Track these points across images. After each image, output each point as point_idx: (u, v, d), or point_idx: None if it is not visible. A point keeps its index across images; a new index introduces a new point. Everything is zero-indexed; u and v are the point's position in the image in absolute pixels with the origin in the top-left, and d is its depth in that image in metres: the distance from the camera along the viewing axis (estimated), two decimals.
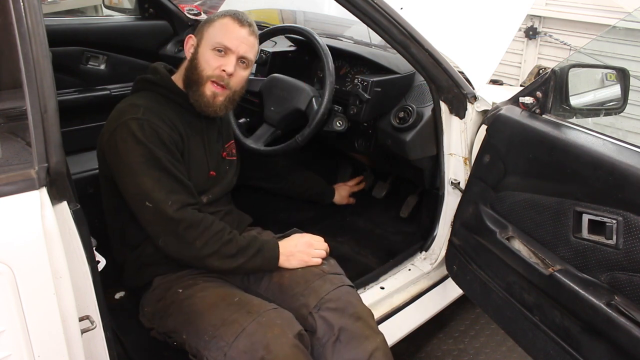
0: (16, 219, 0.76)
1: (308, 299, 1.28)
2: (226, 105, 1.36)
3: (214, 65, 1.30)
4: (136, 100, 1.30)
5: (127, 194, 1.26)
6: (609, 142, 1.14)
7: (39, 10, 0.75)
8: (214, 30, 1.32)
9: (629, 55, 2.95)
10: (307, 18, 3.52)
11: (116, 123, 1.25)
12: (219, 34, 1.31)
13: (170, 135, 1.27)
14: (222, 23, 1.32)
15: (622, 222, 1.04)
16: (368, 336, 1.25)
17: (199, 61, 1.31)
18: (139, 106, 1.26)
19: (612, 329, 1.04)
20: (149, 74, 1.37)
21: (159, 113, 1.27)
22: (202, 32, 1.34)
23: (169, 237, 1.24)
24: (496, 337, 1.97)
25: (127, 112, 1.25)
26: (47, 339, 0.81)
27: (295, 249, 1.37)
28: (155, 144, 1.23)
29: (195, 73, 1.32)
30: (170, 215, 1.21)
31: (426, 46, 1.41)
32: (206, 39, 1.32)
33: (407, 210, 2.17)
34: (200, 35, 1.34)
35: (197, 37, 1.35)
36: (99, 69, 2.29)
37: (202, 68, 1.31)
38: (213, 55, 1.30)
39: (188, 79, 1.33)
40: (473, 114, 1.55)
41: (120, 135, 1.23)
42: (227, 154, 1.51)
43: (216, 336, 1.16)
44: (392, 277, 1.71)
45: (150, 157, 1.22)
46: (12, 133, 0.94)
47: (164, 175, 1.23)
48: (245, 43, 1.32)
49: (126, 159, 1.22)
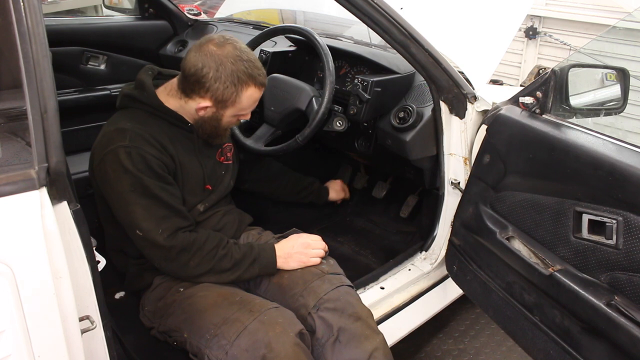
0: (16, 219, 0.76)
1: (307, 299, 1.28)
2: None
3: (235, 121, 1.36)
4: (122, 122, 1.26)
5: (119, 220, 1.26)
6: (609, 142, 1.14)
7: (39, 10, 0.75)
8: (241, 104, 1.30)
9: (629, 55, 2.95)
10: (307, 18, 3.52)
11: (103, 151, 1.22)
12: (247, 106, 1.32)
13: (160, 159, 1.24)
14: (248, 96, 1.29)
15: (622, 222, 1.04)
16: (368, 336, 1.25)
17: (222, 122, 1.33)
18: (125, 131, 1.23)
19: (612, 329, 1.04)
20: (134, 88, 1.32)
21: (146, 136, 1.24)
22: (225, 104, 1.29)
23: (162, 262, 1.26)
24: (496, 337, 1.97)
25: (114, 139, 1.22)
26: (47, 339, 0.81)
27: (293, 250, 1.37)
28: (144, 172, 1.21)
29: (217, 130, 1.34)
30: (162, 244, 1.22)
31: (426, 46, 1.41)
32: (232, 110, 1.31)
33: (407, 210, 2.17)
34: (224, 107, 1.29)
35: (218, 106, 1.29)
36: (99, 69, 2.29)
37: (225, 126, 1.35)
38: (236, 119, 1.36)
39: (203, 128, 1.34)
40: (473, 114, 1.55)
41: (109, 164, 1.21)
42: (224, 158, 1.49)
43: (217, 335, 1.16)
44: (392, 277, 1.71)
45: (138, 185, 1.20)
46: (12, 133, 0.94)
47: (154, 202, 1.22)
48: None
49: (115, 187, 1.22)
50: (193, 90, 1.27)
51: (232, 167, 1.54)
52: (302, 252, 1.37)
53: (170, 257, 1.24)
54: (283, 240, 1.41)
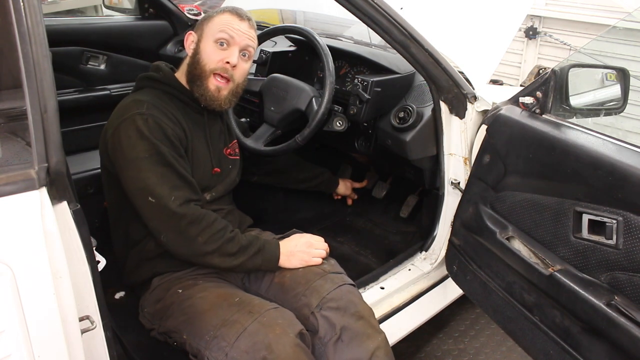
0: (16, 219, 0.76)
1: (310, 298, 1.28)
2: (230, 98, 1.37)
3: (217, 58, 1.32)
4: (139, 96, 1.31)
5: (130, 189, 1.25)
6: (609, 142, 1.14)
7: (39, 10, 0.75)
8: (214, 25, 1.33)
9: (629, 55, 2.95)
10: (307, 18, 3.52)
11: (120, 119, 1.25)
12: (221, 27, 1.32)
13: (174, 130, 1.27)
14: (222, 17, 1.34)
15: (622, 222, 1.04)
16: (370, 335, 1.25)
17: (202, 56, 1.33)
18: (142, 102, 1.27)
19: (612, 329, 1.04)
20: (151, 72, 1.38)
21: (162, 109, 1.28)
22: (202, 28, 1.36)
23: (170, 233, 1.24)
24: (496, 337, 1.97)
25: (131, 107, 1.26)
26: (47, 339, 0.81)
27: (296, 248, 1.37)
28: (160, 139, 1.23)
29: (198, 67, 1.33)
30: (173, 210, 1.21)
31: (426, 46, 1.41)
32: (207, 34, 1.34)
33: (407, 210, 2.17)
34: (201, 30, 1.35)
35: (198, 32, 1.36)
36: (99, 69, 2.29)
37: (205, 62, 1.32)
38: (215, 48, 1.32)
39: (191, 75, 1.34)
40: (473, 114, 1.55)
41: (125, 131, 1.23)
42: (231, 152, 1.51)
43: (217, 336, 1.16)
44: (392, 277, 1.71)
45: (154, 152, 1.22)
46: (12, 133, 0.94)
47: (168, 170, 1.23)
48: (246, 34, 1.35)
49: (130, 154, 1.22)
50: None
51: (239, 163, 1.55)
52: (305, 251, 1.37)
53: (180, 228, 1.23)
54: (286, 239, 1.41)
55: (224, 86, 1.35)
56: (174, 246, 1.26)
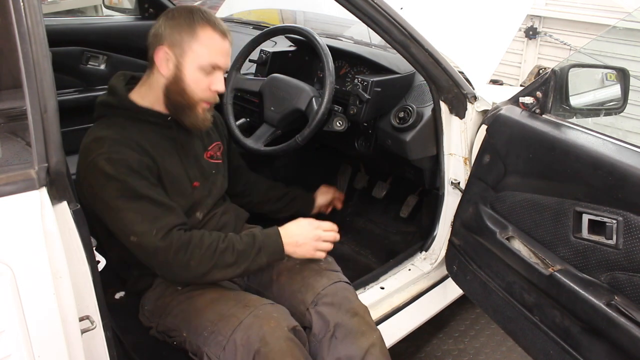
0: (16, 219, 0.76)
1: (305, 295, 1.29)
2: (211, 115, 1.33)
3: (204, 86, 1.23)
4: (99, 132, 1.21)
5: (113, 230, 1.20)
6: (609, 142, 1.14)
7: (39, 10, 0.75)
8: (200, 47, 1.19)
9: (629, 55, 2.95)
10: (307, 18, 3.52)
11: (85, 163, 1.18)
12: (208, 52, 1.20)
13: (141, 161, 1.18)
14: (207, 37, 1.19)
15: (622, 222, 1.04)
16: (364, 332, 1.24)
17: (187, 83, 1.21)
18: (102, 139, 1.17)
19: (612, 329, 1.04)
20: (108, 94, 1.27)
21: (124, 140, 1.18)
22: (181, 46, 1.20)
23: (162, 266, 1.19)
24: (496, 337, 1.97)
25: (92, 149, 1.17)
26: (47, 339, 0.81)
27: (302, 239, 1.29)
28: (127, 175, 1.15)
29: (184, 97, 1.23)
30: (157, 245, 1.15)
31: (426, 46, 1.41)
32: (190, 56, 1.20)
33: (407, 210, 2.17)
34: (180, 49, 1.20)
35: (175, 50, 1.20)
36: (99, 69, 2.29)
37: (193, 91, 1.22)
38: (202, 75, 1.22)
39: (174, 102, 1.24)
40: (473, 114, 1.55)
41: (92, 177, 1.16)
42: (212, 155, 1.42)
43: (214, 331, 1.16)
44: (392, 277, 1.71)
45: (125, 189, 1.15)
46: (12, 133, 0.94)
47: (144, 204, 1.16)
48: (229, 55, 1.25)
49: (102, 197, 1.16)
50: (153, 51, 1.21)
51: (223, 166, 1.47)
52: (312, 244, 1.30)
53: (169, 259, 1.16)
54: (291, 224, 1.31)
55: (209, 107, 1.29)
56: (171, 277, 1.23)
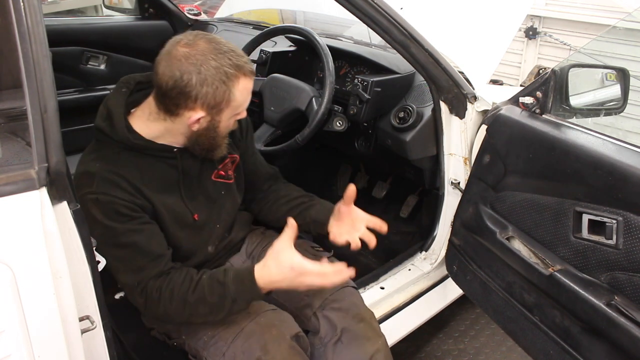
0: (16, 219, 0.76)
1: (312, 299, 1.28)
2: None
3: (232, 125, 1.17)
4: (91, 163, 1.12)
5: None
6: (609, 142, 1.14)
7: (39, 10, 0.75)
8: (236, 101, 1.11)
9: (629, 55, 2.95)
10: (307, 18, 3.52)
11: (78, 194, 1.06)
12: (244, 100, 1.13)
13: (132, 201, 1.11)
14: (243, 88, 1.11)
15: (622, 222, 1.04)
16: (370, 338, 1.24)
17: (220, 129, 1.14)
18: (93, 176, 1.09)
19: (612, 329, 1.04)
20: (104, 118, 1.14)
21: (115, 179, 1.10)
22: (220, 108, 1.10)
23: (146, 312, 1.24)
24: (496, 337, 1.97)
25: (82, 184, 1.10)
26: (47, 339, 0.81)
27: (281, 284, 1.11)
28: (114, 219, 1.08)
29: (216, 140, 1.16)
30: (136, 300, 1.14)
31: (426, 46, 1.41)
32: (229, 112, 1.12)
33: (407, 210, 2.17)
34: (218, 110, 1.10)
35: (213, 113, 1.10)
36: (99, 69, 2.29)
37: (224, 135, 1.17)
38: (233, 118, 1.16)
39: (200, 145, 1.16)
40: (473, 114, 1.55)
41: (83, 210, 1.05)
42: (222, 174, 1.30)
43: (215, 336, 1.16)
44: (392, 277, 1.71)
45: (110, 236, 1.08)
46: (12, 133, 0.94)
47: (128, 252, 1.11)
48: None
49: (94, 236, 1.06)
50: (178, 106, 1.08)
51: (234, 186, 1.34)
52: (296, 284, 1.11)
53: (147, 308, 1.14)
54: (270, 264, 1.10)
55: None
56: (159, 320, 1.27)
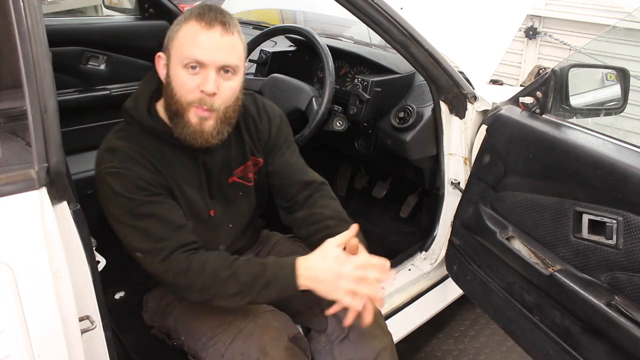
0: (16, 219, 0.76)
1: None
2: (219, 128, 1.11)
3: (191, 86, 1.06)
4: (114, 141, 1.12)
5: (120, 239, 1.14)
6: (609, 142, 1.14)
7: (39, 10, 0.75)
8: (179, 42, 1.06)
9: (629, 55, 2.95)
10: (307, 18, 3.52)
11: (97, 171, 1.11)
12: (186, 44, 1.05)
13: (153, 178, 1.10)
14: (186, 30, 1.05)
15: (622, 222, 1.04)
16: (377, 335, 1.24)
17: (173, 85, 1.07)
18: (114, 151, 1.09)
19: (612, 329, 1.04)
20: (131, 98, 1.15)
21: (136, 156, 1.09)
22: (168, 46, 1.08)
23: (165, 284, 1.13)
24: (496, 337, 1.97)
25: (103, 160, 1.09)
26: (47, 339, 0.81)
27: (324, 275, 1.05)
28: (134, 192, 1.07)
29: (173, 101, 1.08)
30: (156, 267, 1.08)
31: (426, 46, 1.41)
32: (174, 55, 1.07)
33: (407, 210, 2.17)
34: (168, 50, 1.08)
35: (166, 53, 1.09)
36: (99, 69, 2.29)
37: (180, 94, 1.07)
38: (186, 74, 1.05)
39: (170, 111, 1.11)
40: (473, 114, 1.55)
41: (100, 186, 1.09)
42: (242, 176, 1.27)
43: (214, 337, 1.16)
44: None
45: (131, 207, 1.07)
46: (12, 133, 0.94)
47: (150, 223, 1.08)
48: (220, 48, 1.05)
49: (110, 209, 1.09)
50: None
51: (253, 190, 1.30)
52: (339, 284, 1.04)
53: (169, 280, 1.09)
54: (314, 254, 1.07)
55: (208, 115, 1.08)
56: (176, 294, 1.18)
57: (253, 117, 1.28)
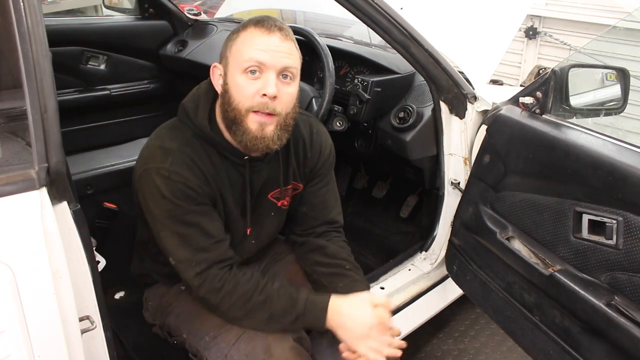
0: (16, 219, 0.76)
1: None
2: (279, 134, 1.09)
3: (251, 92, 1.05)
4: (169, 141, 1.11)
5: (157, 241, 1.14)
6: (609, 142, 1.14)
7: (39, 10, 0.75)
8: (238, 48, 1.07)
9: (629, 55, 2.95)
10: (307, 18, 3.52)
11: (143, 167, 1.10)
12: (246, 48, 1.05)
13: (201, 187, 1.09)
14: (245, 37, 1.07)
15: (622, 222, 1.04)
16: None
17: (232, 93, 1.07)
18: (168, 153, 1.08)
19: (612, 329, 1.04)
20: (191, 98, 1.15)
21: (189, 162, 1.08)
22: (226, 56, 1.09)
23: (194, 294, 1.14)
24: (496, 337, 1.97)
25: (155, 157, 1.09)
26: (47, 339, 0.81)
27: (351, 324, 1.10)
28: (182, 199, 1.07)
29: (231, 109, 1.07)
30: (190, 279, 1.09)
31: (426, 46, 1.41)
32: (232, 63, 1.07)
33: (407, 210, 2.17)
34: (225, 59, 1.09)
35: (223, 63, 1.10)
36: (99, 69, 2.29)
37: (238, 100, 1.06)
38: (246, 79, 1.05)
39: (227, 120, 1.09)
40: (473, 114, 1.55)
41: (146, 184, 1.09)
42: (277, 197, 1.26)
43: (217, 337, 1.16)
44: (392, 277, 1.71)
45: (176, 213, 1.07)
46: (12, 133, 0.94)
47: (192, 231, 1.08)
48: (281, 51, 1.06)
49: (152, 210, 1.09)
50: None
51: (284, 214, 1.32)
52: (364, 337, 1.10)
53: (200, 294, 1.11)
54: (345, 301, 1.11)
55: (269, 120, 1.07)
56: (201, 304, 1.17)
57: (304, 141, 1.27)
